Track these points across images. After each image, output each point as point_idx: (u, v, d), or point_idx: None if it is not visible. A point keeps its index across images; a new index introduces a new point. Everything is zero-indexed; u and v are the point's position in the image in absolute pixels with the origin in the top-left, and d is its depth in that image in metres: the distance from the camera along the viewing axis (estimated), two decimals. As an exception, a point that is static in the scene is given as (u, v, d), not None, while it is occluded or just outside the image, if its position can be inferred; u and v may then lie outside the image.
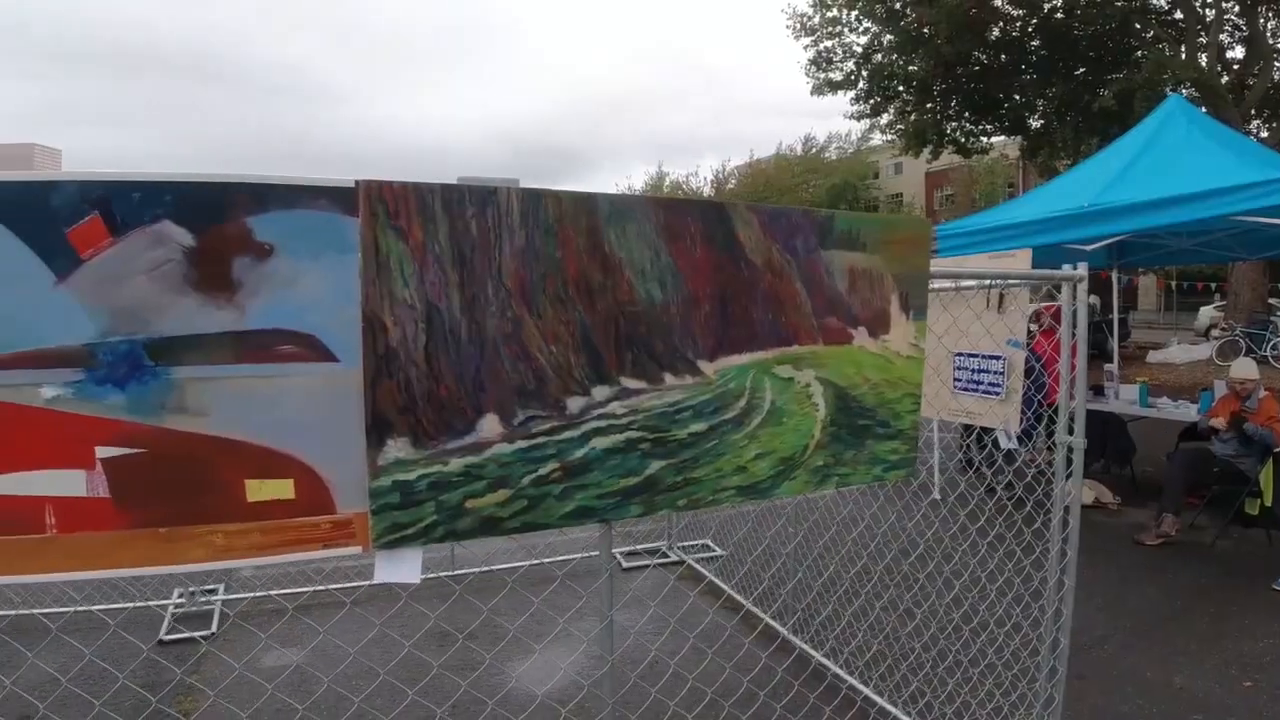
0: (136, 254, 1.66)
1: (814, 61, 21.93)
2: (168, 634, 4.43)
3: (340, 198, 1.72)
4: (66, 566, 1.74)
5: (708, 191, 46.38)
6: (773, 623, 4.32)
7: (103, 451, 1.69)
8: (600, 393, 1.97)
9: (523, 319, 1.87)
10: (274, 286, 1.68)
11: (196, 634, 4.41)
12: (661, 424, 2.06)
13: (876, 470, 2.51)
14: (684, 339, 2.07)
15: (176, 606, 4.76)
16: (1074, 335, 3.01)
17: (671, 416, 2.07)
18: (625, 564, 5.57)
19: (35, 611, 4.47)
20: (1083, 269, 3.00)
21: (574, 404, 1.94)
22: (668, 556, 5.72)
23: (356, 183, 1.73)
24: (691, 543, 5.92)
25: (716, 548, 5.78)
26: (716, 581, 5.15)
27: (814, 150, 47.53)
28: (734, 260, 2.13)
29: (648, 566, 5.48)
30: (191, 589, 4.86)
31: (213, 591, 4.92)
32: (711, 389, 2.12)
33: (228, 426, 1.71)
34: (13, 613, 4.51)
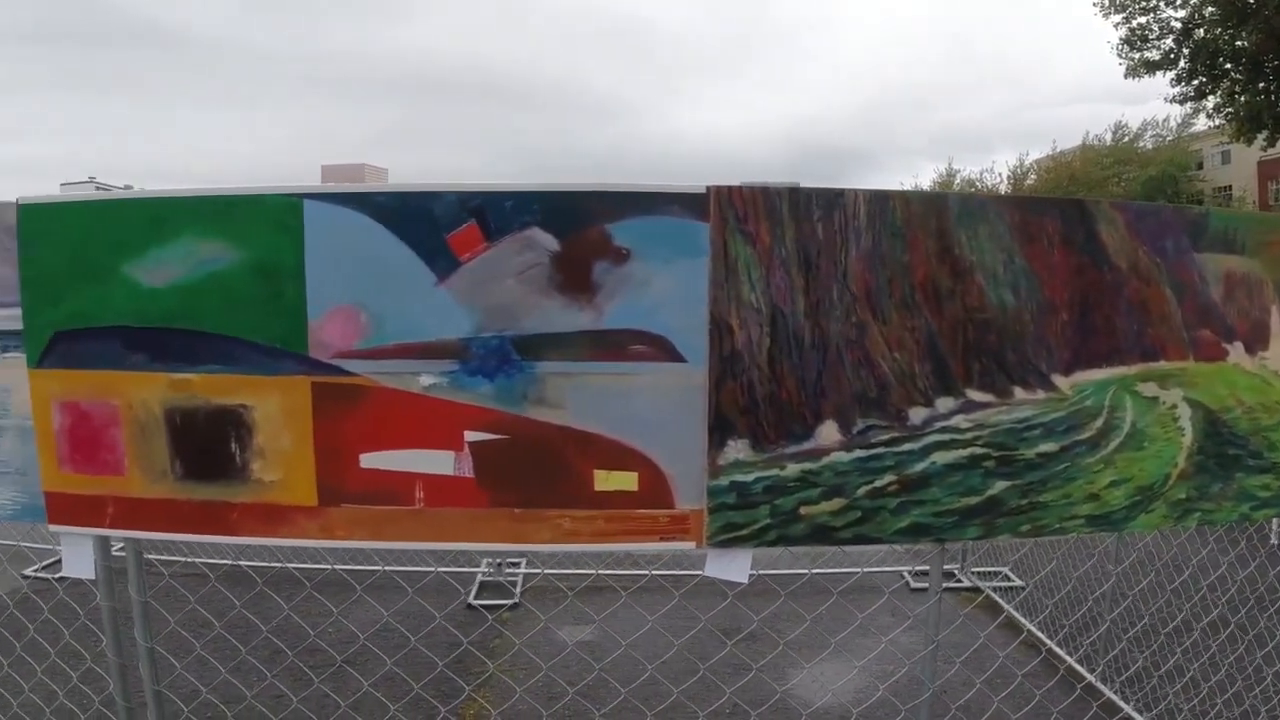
0: (508, 258, 1.82)
1: (1126, 41, 19.70)
2: (475, 599, 4.88)
3: (692, 203, 1.78)
4: (429, 537, 1.97)
5: (1004, 189, 42.79)
6: (1094, 679, 3.89)
7: (471, 436, 1.88)
8: (944, 404, 1.87)
9: (867, 324, 1.82)
10: (629, 289, 1.78)
11: (502, 601, 4.82)
12: (1008, 441, 1.91)
13: (1244, 508, 2.18)
14: (1037, 349, 1.90)
15: (485, 575, 5.24)
16: None
17: (1019, 434, 1.91)
18: (914, 584, 5.27)
19: (341, 567, 5.09)
20: None
21: (916, 415, 1.86)
22: (960, 581, 5.34)
23: (707, 189, 1.78)
24: (987, 569, 5.46)
25: (1015, 577, 5.30)
26: (1019, 617, 4.70)
27: (1125, 139, 42.16)
28: (1095, 263, 1.93)
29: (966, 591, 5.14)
30: (498, 560, 5.31)
31: (516, 564, 5.36)
32: (1065, 406, 1.94)
33: (581, 419, 1.83)
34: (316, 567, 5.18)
